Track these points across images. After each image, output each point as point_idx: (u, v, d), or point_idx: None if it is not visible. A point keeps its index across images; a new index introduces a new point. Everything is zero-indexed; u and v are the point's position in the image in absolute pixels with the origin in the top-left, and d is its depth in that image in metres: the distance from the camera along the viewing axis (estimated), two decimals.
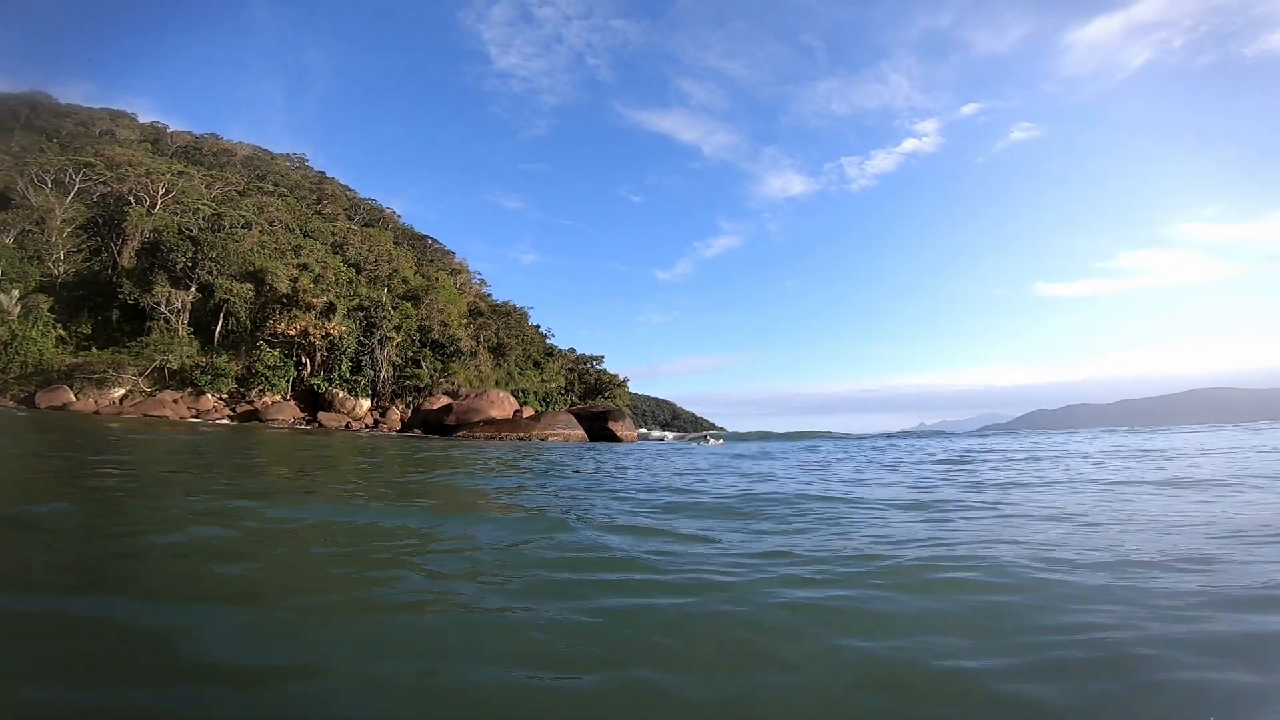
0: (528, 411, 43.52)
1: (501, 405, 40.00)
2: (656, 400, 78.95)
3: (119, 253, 46.56)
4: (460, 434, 39.64)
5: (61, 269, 44.78)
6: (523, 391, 58.67)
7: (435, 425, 38.56)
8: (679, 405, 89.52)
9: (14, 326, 40.35)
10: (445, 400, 40.85)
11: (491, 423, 40.58)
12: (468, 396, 40.70)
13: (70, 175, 49.58)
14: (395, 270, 58.43)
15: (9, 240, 43.85)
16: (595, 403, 54.67)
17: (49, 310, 41.53)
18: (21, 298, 41.53)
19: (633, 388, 70.65)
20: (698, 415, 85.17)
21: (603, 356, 69.76)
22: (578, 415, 42.09)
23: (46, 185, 48.14)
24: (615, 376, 68.62)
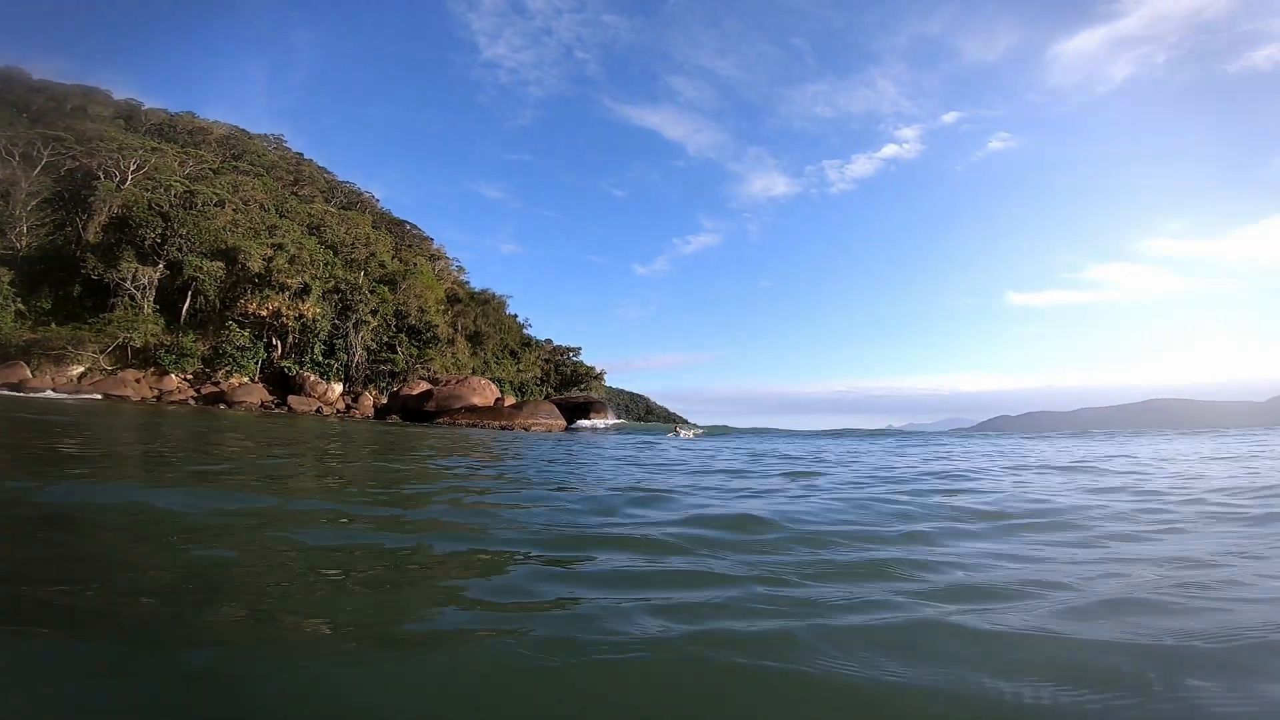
0: (509, 400, 43.05)
1: (483, 393, 39.47)
2: (631, 394, 78.59)
3: (84, 227, 45.40)
4: (441, 420, 39.03)
5: (24, 243, 43.58)
6: (499, 381, 58.08)
7: (415, 411, 37.94)
8: (653, 400, 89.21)
9: None
10: (425, 386, 40.26)
11: (473, 410, 40.03)
12: (449, 383, 40.13)
13: (39, 149, 48.23)
14: (373, 254, 57.61)
15: None
16: (575, 393, 54.23)
17: (9, 285, 40.39)
18: None
19: (609, 381, 70.42)
20: (671, 410, 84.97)
21: (580, 348, 69.38)
22: (560, 405, 41.72)
23: (14, 159, 46.80)
24: (592, 369, 68.13)
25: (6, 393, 36.05)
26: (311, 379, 48.33)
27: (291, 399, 46.27)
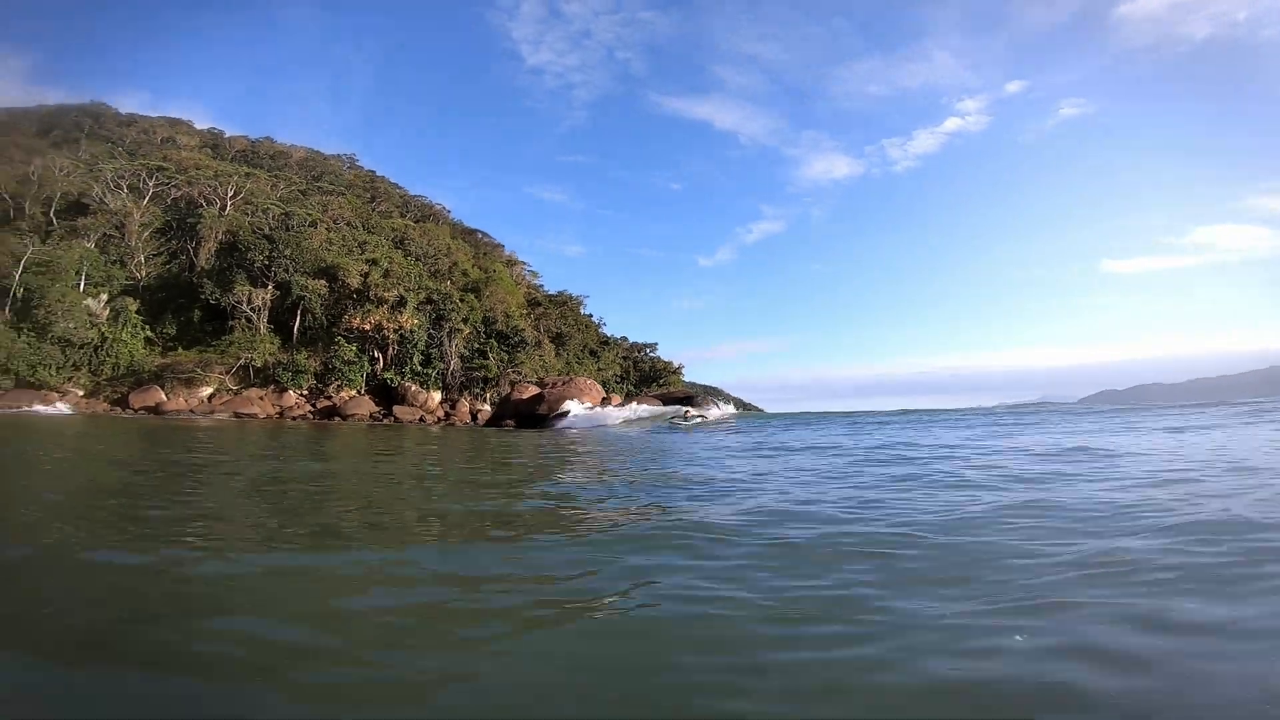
0: (615, 399, 43.25)
1: (591, 392, 39.61)
2: (705, 386, 78.11)
3: (196, 254, 47.24)
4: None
5: (143, 272, 45.59)
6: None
7: (528, 416, 38.23)
8: (728, 391, 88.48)
9: (104, 329, 41.18)
10: (534, 390, 40.57)
11: None
12: (555, 385, 40.36)
13: (144, 180, 50.47)
14: (455, 264, 58.55)
15: (90, 245, 44.74)
16: (675, 389, 54.10)
17: (136, 313, 42.28)
18: (109, 301, 42.37)
19: (684, 374, 70.19)
20: (746, 401, 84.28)
21: (656, 344, 69.45)
22: (663, 399, 41.67)
23: (123, 190, 49.03)
24: (670, 363, 68.20)
25: (149, 416, 37.85)
26: (413, 389, 49.41)
27: (396, 409, 47.40)
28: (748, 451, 12.28)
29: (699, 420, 33.82)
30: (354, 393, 47.22)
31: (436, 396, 50.95)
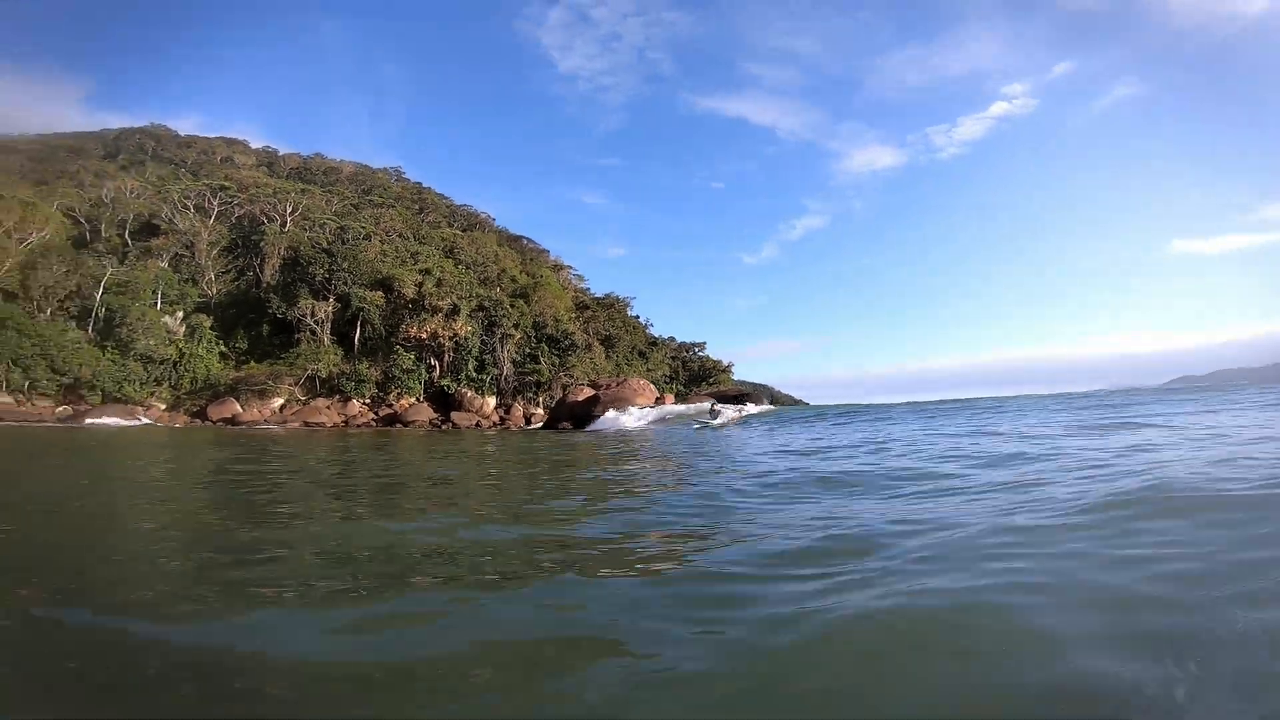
0: (668, 399, 43.42)
1: (645, 393, 39.88)
2: (754, 384, 77.75)
3: (261, 270, 49.01)
4: None
5: (214, 289, 47.52)
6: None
7: (583, 418, 38.70)
8: (777, 389, 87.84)
9: (181, 345, 43.09)
10: (589, 391, 41.04)
11: None
12: (609, 386, 40.77)
13: (208, 199, 52.57)
14: (504, 270, 59.45)
15: (164, 265, 46.84)
16: (729, 388, 54.06)
17: (210, 329, 44.10)
18: (184, 318, 44.29)
19: (734, 372, 69.92)
20: (795, 398, 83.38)
21: (704, 343, 69.38)
22: (719, 397, 41.72)
23: (189, 210, 51.16)
24: (719, 362, 68.04)
25: (227, 427, 39.45)
26: (469, 394, 50.36)
27: (454, 414, 48.37)
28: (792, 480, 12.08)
29: (731, 418, 31.14)
30: (413, 400, 48.39)
31: (491, 401, 51.85)
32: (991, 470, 7.58)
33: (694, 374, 67.19)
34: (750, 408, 40.43)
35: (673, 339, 69.44)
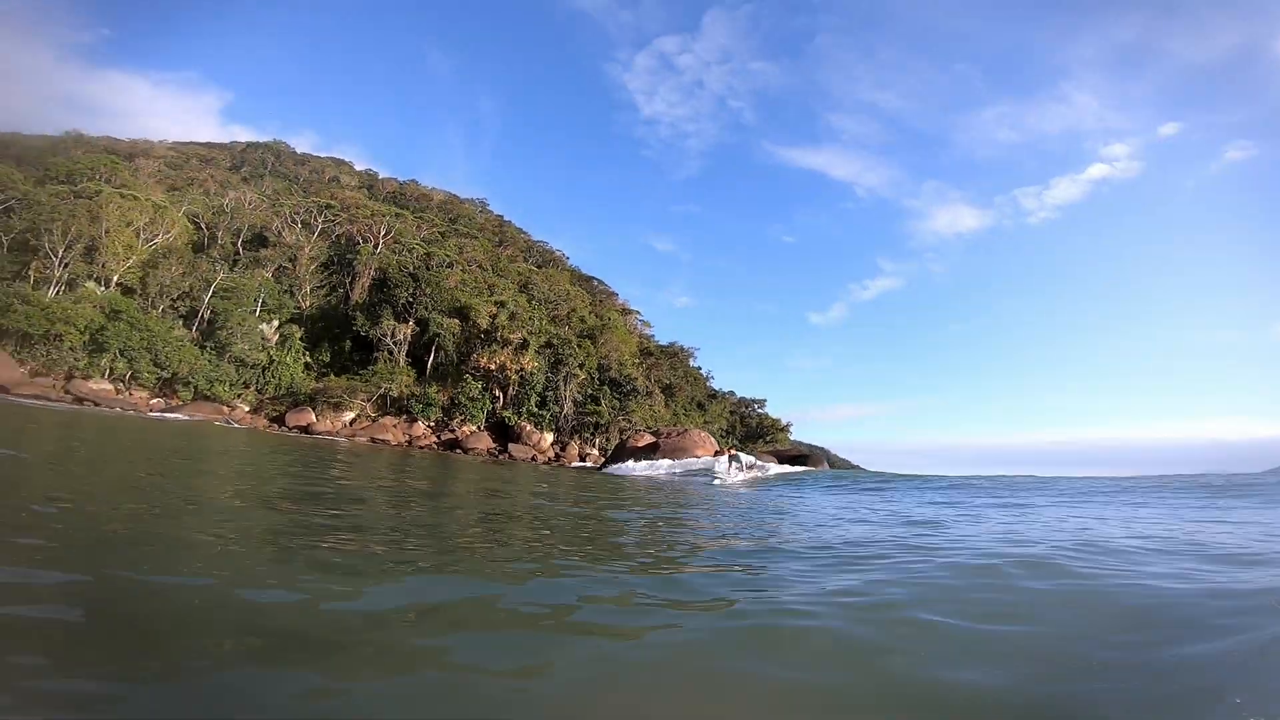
0: (731, 452, 42.98)
1: (705, 445, 39.62)
2: (810, 446, 76.01)
3: (351, 288, 51.91)
4: None
5: (308, 302, 50.56)
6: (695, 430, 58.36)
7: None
8: (834, 453, 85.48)
9: (272, 353, 45.82)
10: (650, 439, 41.13)
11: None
12: (669, 435, 40.76)
13: (314, 216, 56.39)
14: (574, 310, 60.88)
15: (269, 275, 50.27)
16: (790, 448, 53.29)
17: (299, 340, 46.80)
18: (279, 327, 47.20)
19: (792, 432, 68.73)
20: (852, 462, 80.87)
21: (765, 400, 68.58)
22: (779, 456, 41.07)
23: (297, 225, 54.98)
24: (777, 421, 66.99)
25: (300, 435, 41.44)
26: (528, 428, 51.24)
27: (512, 446, 49.24)
28: None
29: (749, 474, 27.60)
30: (475, 428, 49.59)
31: (549, 438, 52.54)
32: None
33: (751, 430, 66.35)
34: (772, 468, 38.43)
35: (732, 393, 69.01)
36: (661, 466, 35.51)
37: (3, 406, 24.49)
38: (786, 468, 38.94)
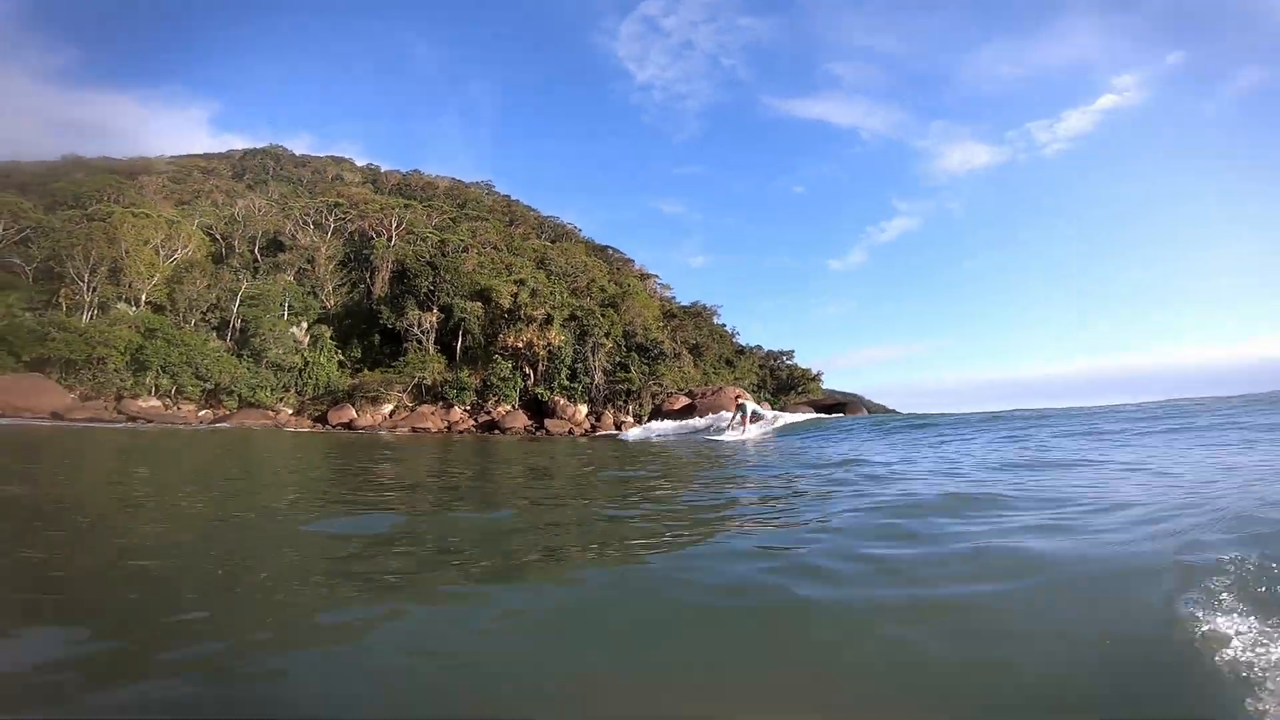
0: (765, 406, 43.15)
1: (741, 401, 39.93)
2: (843, 394, 75.58)
3: (372, 282, 52.19)
4: None
5: (332, 301, 50.99)
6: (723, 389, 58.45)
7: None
8: (867, 398, 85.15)
9: (306, 354, 46.46)
10: (684, 400, 41.46)
11: None
12: (704, 395, 41.05)
13: (325, 216, 56.47)
14: (593, 280, 60.66)
15: (290, 278, 50.68)
16: (814, 396, 53.28)
17: (330, 339, 47.37)
18: (308, 328, 47.76)
19: (824, 381, 68.45)
20: (888, 407, 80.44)
21: (793, 351, 68.12)
22: (815, 406, 41.12)
23: (309, 227, 55.15)
24: (808, 371, 66.66)
25: (344, 431, 42.24)
26: (561, 402, 51.68)
27: (548, 422, 49.75)
28: None
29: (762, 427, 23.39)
30: (509, 407, 50.12)
31: (583, 409, 52.96)
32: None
33: (782, 382, 66.21)
34: (785, 417, 34.18)
35: (759, 347, 68.71)
36: (667, 428, 32.02)
37: (77, 431, 25.09)
38: (798, 416, 34.77)
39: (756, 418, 22.41)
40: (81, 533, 4.64)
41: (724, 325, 67.73)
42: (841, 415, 44.68)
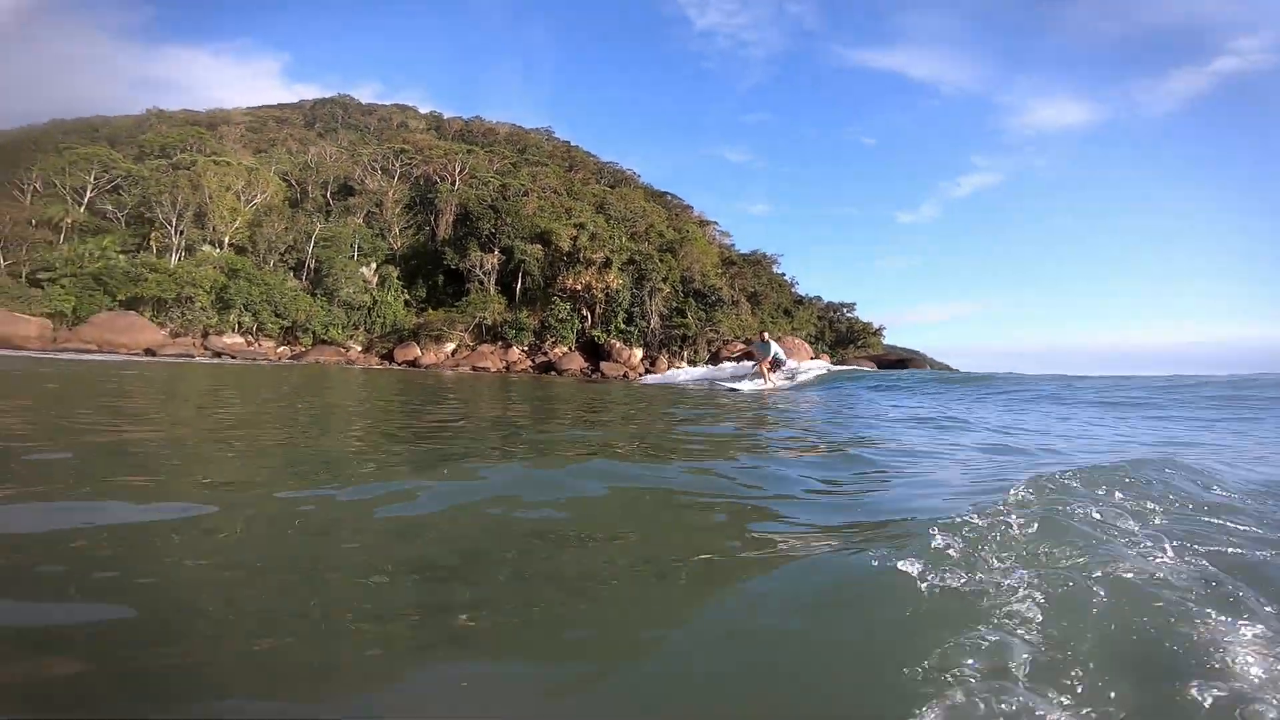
0: (825, 357, 42.35)
1: (800, 351, 39.28)
2: (906, 350, 73.21)
3: (436, 225, 53.49)
4: None
5: (398, 243, 52.67)
6: (777, 340, 57.49)
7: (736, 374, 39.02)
8: (931, 356, 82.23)
9: (374, 294, 48.42)
10: (742, 348, 41.09)
11: None
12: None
13: (391, 162, 57.86)
14: (651, 225, 60.11)
15: (360, 221, 52.52)
16: (874, 350, 51.89)
17: (397, 279, 49.13)
18: (377, 269, 49.64)
19: (885, 336, 66.32)
20: (950, 365, 77.56)
21: (854, 304, 66.12)
22: (877, 361, 39.99)
23: (377, 172, 56.70)
24: (869, 325, 64.73)
25: (409, 369, 44.11)
26: (617, 345, 52.10)
27: (603, 365, 50.41)
28: None
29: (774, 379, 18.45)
30: (566, 349, 50.98)
31: (638, 353, 53.29)
32: None
33: (841, 335, 64.56)
34: (813, 367, 30.65)
35: (819, 298, 66.95)
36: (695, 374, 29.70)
37: (170, 366, 27.20)
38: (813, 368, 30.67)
39: (776, 365, 18.45)
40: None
41: (783, 274, 66.15)
42: (903, 371, 43.19)
